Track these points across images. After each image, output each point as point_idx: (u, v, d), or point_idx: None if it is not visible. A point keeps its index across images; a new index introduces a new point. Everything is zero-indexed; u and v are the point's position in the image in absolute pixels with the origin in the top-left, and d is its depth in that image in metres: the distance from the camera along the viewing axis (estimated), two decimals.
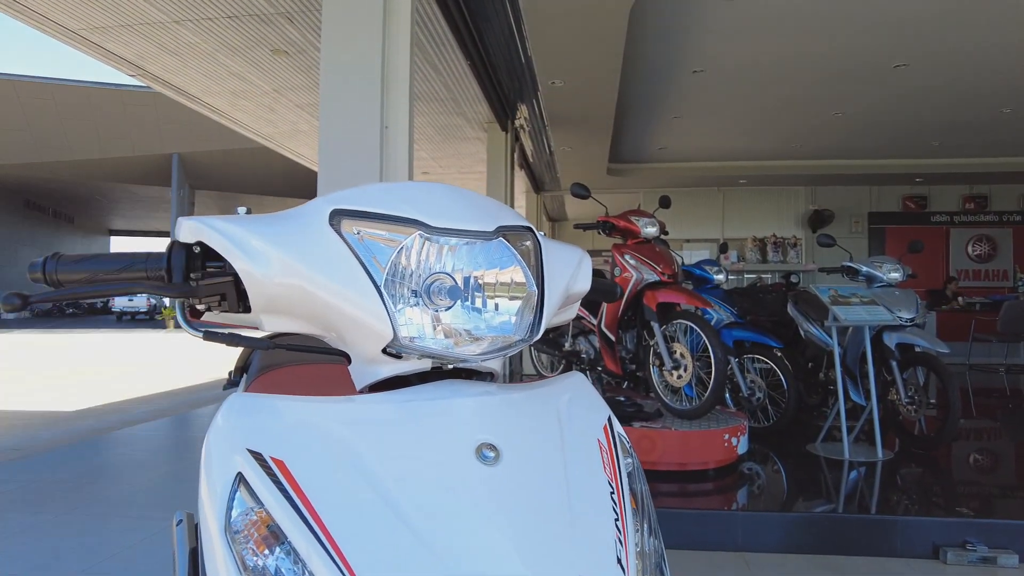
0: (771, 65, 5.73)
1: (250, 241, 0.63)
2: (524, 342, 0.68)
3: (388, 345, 0.63)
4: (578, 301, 0.84)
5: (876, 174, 9.61)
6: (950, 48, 5.29)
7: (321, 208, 0.64)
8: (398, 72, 2.99)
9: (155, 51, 5.23)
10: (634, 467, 0.70)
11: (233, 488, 0.56)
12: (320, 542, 0.53)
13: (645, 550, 0.64)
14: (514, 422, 0.62)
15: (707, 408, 3.51)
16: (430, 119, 7.02)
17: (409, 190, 0.66)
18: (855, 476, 3.50)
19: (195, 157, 21.04)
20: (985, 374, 8.08)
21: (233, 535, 0.54)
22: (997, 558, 2.63)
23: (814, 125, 7.61)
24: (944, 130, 7.69)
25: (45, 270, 0.71)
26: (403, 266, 0.63)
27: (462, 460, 0.57)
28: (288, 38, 4.94)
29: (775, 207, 10.92)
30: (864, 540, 2.81)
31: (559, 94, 5.95)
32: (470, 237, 0.65)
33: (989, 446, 4.56)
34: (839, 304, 3.85)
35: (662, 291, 3.62)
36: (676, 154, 9.28)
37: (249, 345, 0.73)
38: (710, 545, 2.83)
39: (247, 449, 0.57)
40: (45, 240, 31.13)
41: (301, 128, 7.52)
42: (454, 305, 0.64)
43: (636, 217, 3.93)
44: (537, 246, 0.70)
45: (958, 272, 10.45)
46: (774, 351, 4.27)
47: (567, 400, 0.70)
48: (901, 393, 3.92)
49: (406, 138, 3.00)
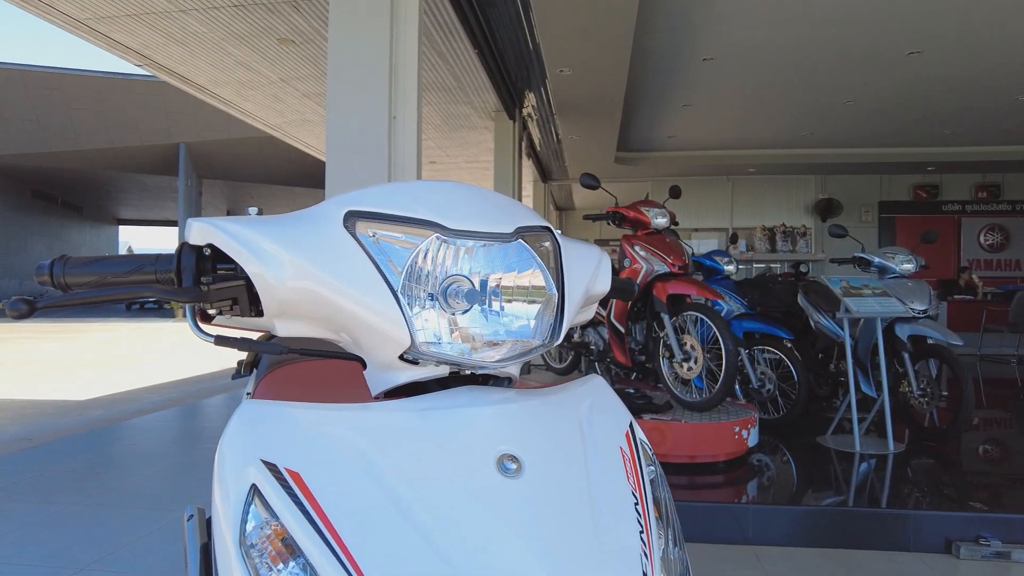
0: (782, 52, 5.66)
1: (262, 244, 0.61)
2: (544, 347, 0.66)
3: (405, 351, 0.61)
4: (596, 302, 0.82)
5: (887, 163, 9.51)
6: (965, 35, 5.20)
7: (335, 209, 0.62)
8: (406, 61, 2.96)
9: (161, 40, 5.20)
10: (657, 474, 0.69)
11: (248, 500, 0.54)
12: (336, 557, 0.51)
13: (671, 562, 0.62)
14: (535, 431, 0.60)
15: (717, 400, 3.49)
16: (437, 108, 6.98)
17: (425, 190, 0.64)
18: (866, 469, 3.48)
19: (202, 147, 21.03)
20: (996, 365, 8.02)
21: (248, 548, 0.53)
22: (1012, 553, 2.61)
23: (825, 113, 7.52)
24: (957, 118, 7.59)
25: (52, 273, 0.69)
26: (420, 269, 0.61)
27: (483, 472, 0.56)
28: (295, 27, 4.91)
29: (784, 196, 10.84)
30: (875, 534, 2.79)
31: (567, 82, 5.90)
32: (488, 239, 0.63)
33: (1002, 438, 4.53)
34: (851, 296, 3.81)
35: (672, 283, 3.60)
36: (685, 143, 9.21)
37: (262, 351, 0.71)
38: (720, 538, 2.82)
39: (261, 460, 0.56)
40: (54, 230, 31.28)
41: (309, 118, 7.50)
42: (471, 309, 0.62)
43: (646, 207, 3.89)
44: (556, 247, 0.68)
45: (969, 261, 10.36)
46: (784, 342, 4.24)
47: (588, 406, 0.68)
48: (913, 385, 3.88)
49: (414, 128, 2.97)
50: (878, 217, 10.67)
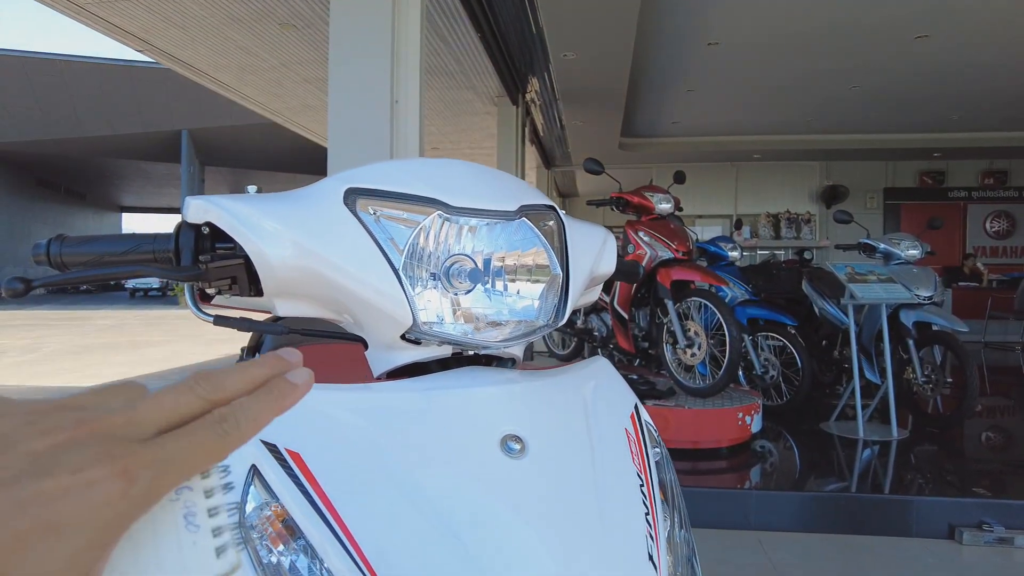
0: (788, 37, 5.60)
1: (261, 221, 0.60)
2: (548, 327, 0.65)
3: (407, 331, 0.60)
4: (601, 284, 0.81)
5: (893, 149, 9.44)
6: (973, 19, 5.13)
7: (335, 186, 0.61)
8: (408, 45, 2.93)
9: (161, 24, 5.17)
10: (662, 456, 0.68)
11: (247, 481, 0.53)
12: (337, 537, 0.51)
13: (676, 544, 0.62)
14: (539, 412, 0.60)
15: (721, 386, 3.49)
16: (439, 93, 6.93)
17: (427, 167, 0.63)
18: (869, 455, 3.48)
19: (205, 133, 21.00)
20: (1001, 352, 8.00)
21: (247, 530, 0.52)
22: (1014, 539, 2.61)
23: (830, 98, 7.45)
24: (964, 103, 7.52)
25: (49, 252, 0.68)
26: (421, 247, 0.60)
27: (486, 452, 0.55)
28: (295, 11, 4.86)
29: (789, 182, 10.77)
30: (878, 520, 2.79)
31: (571, 67, 5.85)
32: (491, 217, 0.62)
33: (1005, 425, 4.52)
34: (856, 282, 3.79)
35: (676, 268, 3.58)
36: (689, 128, 9.14)
37: (261, 331, 0.70)
38: (723, 524, 2.83)
39: (261, 440, 0.55)
40: (57, 217, 31.33)
41: (310, 103, 7.46)
42: (474, 288, 0.61)
43: (650, 193, 3.87)
44: (560, 226, 0.66)
45: (975, 249, 10.30)
46: (788, 329, 4.23)
47: (592, 387, 0.67)
48: (917, 372, 3.87)
49: (417, 113, 2.94)
50: (883, 204, 10.60)
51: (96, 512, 0.23)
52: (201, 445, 0.27)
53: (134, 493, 0.24)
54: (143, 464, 0.25)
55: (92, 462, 0.24)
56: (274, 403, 0.31)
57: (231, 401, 0.29)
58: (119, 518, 0.24)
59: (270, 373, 0.31)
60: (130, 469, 0.24)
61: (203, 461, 0.28)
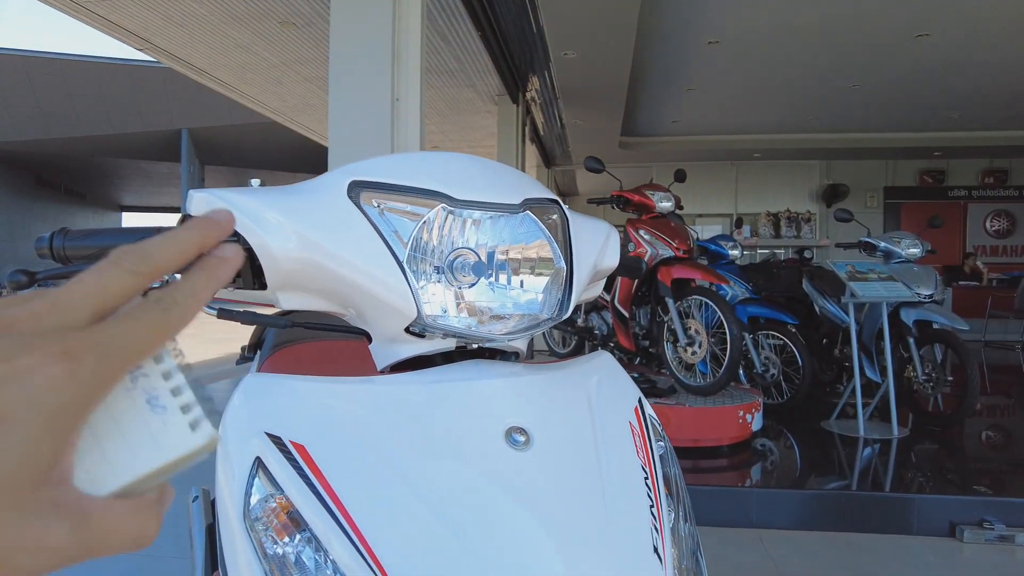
0: (788, 36, 5.59)
1: (265, 214, 0.60)
2: (552, 320, 0.65)
3: (411, 324, 0.60)
4: (604, 278, 0.81)
5: (893, 148, 9.43)
6: (974, 17, 5.13)
7: (339, 179, 0.61)
8: (409, 43, 2.92)
9: (160, 23, 5.16)
10: (666, 450, 0.68)
11: (252, 473, 0.53)
12: (342, 529, 0.51)
13: (681, 537, 0.62)
14: (544, 405, 0.59)
15: (721, 385, 3.49)
16: (440, 92, 6.92)
17: (431, 160, 0.63)
18: (870, 453, 3.48)
19: (205, 132, 20.96)
20: (1001, 351, 7.99)
21: (252, 522, 0.52)
22: (1015, 537, 2.61)
23: (830, 98, 7.45)
24: (965, 102, 7.51)
25: (52, 246, 0.68)
26: (425, 241, 0.60)
27: (491, 445, 0.55)
28: (296, 9, 4.86)
29: (789, 181, 10.77)
30: (879, 518, 2.79)
31: (571, 65, 5.84)
32: (495, 210, 0.62)
33: (1006, 424, 4.52)
34: (857, 280, 3.79)
35: (677, 267, 3.58)
36: (689, 127, 9.14)
37: (265, 323, 0.70)
38: (724, 522, 2.83)
39: (265, 433, 0.55)
40: (57, 216, 31.27)
41: (310, 102, 7.45)
42: (478, 282, 0.61)
43: (651, 191, 3.87)
44: (564, 220, 0.67)
45: (975, 247, 10.30)
46: (788, 327, 4.23)
47: (596, 381, 0.67)
48: (918, 370, 3.87)
49: (417, 111, 2.94)
50: (883, 203, 10.60)
51: (41, 397, 0.23)
52: (143, 324, 0.27)
53: (82, 377, 0.24)
54: (84, 347, 0.24)
55: (22, 350, 0.23)
56: (210, 278, 0.30)
57: (160, 273, 0.28)
58: (72, 404, 0.24)
59: (196, 236, 0.31)
60: (70, 350, 0.24)
61: (149, 342, 0.27)
